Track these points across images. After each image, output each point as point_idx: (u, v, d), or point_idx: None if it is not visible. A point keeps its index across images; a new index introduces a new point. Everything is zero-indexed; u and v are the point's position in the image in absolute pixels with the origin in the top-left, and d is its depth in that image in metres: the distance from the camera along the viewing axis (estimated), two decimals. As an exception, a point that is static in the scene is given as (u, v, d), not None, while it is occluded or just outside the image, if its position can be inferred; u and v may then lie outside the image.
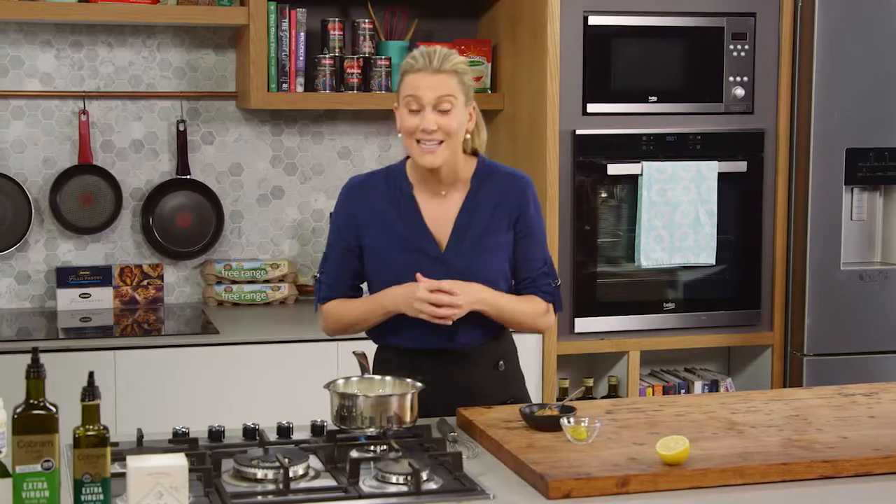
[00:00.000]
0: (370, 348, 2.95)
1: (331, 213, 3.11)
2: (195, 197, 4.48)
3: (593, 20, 4.10)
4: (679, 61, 4.24)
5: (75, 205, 4.36)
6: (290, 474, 2.32)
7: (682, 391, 4.33)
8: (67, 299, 4.32)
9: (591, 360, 4.42)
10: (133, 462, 2.02)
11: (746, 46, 4.24)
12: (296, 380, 3.87)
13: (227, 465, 2.41)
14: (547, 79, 4.06)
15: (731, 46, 4.23)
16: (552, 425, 2.63)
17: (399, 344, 2.95)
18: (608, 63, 4.14)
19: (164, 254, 4.46)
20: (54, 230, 4.38)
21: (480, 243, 2.91)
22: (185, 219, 4.47)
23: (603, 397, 4.28)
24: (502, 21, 4.47)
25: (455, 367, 2.94)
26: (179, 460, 2.04)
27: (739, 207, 4.30)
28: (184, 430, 2.56)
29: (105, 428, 2.05)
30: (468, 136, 2.92)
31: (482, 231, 2.92)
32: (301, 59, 4.30)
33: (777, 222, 4.31)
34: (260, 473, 2.34)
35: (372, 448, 2.52)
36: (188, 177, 4.45)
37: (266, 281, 4.48)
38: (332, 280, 3.00)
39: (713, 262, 4.22)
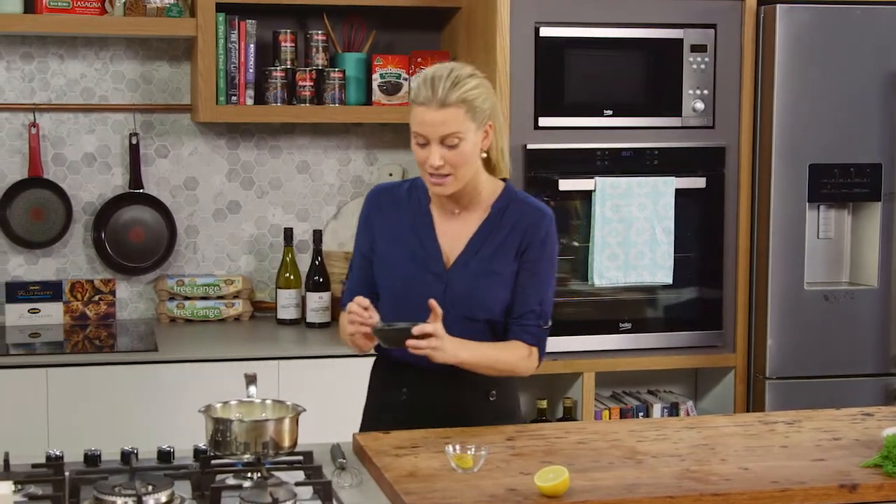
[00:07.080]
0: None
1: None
2: (149, 211, 4.40)
3: (545, 31, 3.98)
4: (636, 74, 4.10)
5: (26, 219, 4.30)
6: (152, 502, 2.23)
7: (641, 414, 4.20)
8: (16, 314, 4.25)
9: (549, 380, 4.29)
10: (-47, 490, 1.94)
11: (706, 59, 4.09)
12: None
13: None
14: (497, 92, 3.94)
15: (691, 59, 4.09)
16: (400, 339, 2.61)
17: (393, 356, 2.88)
18: (561, 76, 4.01)
19: (117, 269, 4.38)
20: (4, 244, 4.31)
21: (486, 268, 2.82)
22: (138, 233, 4.39)
23: (558, 419, 4.16)
24: (460, 33, 4.36)
25: (440, 389, 2.84)
26: (4, 488, 1.95)
27: (699, 225, 4.14)
28: (57, 453, 2.47)
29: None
30: (484, 154, 2.81)
31: (490, 256, 2.83)
32: (251, 71, 4.22)
33: (739, 240, 4.15)
34: (120, 501, 2.25)
35: (249, 475, 2.43)
36: (141, 191, 4.38)
37: (220, 297, 4.39)
38: (353, 287, 2.93)
39: (670, 281, 4.07)
